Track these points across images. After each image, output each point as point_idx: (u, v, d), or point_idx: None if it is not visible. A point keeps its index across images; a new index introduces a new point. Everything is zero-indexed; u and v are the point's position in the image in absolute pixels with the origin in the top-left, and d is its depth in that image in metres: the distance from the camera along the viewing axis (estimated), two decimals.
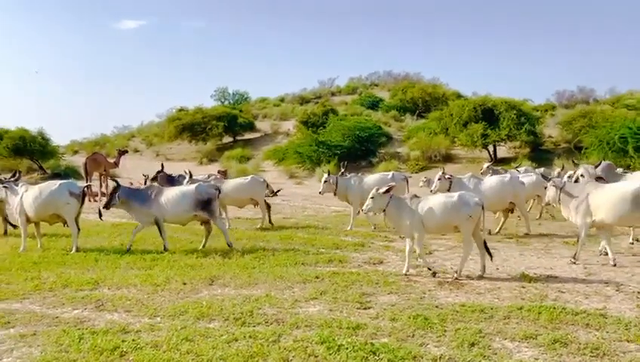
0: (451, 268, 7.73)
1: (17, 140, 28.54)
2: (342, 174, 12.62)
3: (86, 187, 10.39)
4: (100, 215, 10.08)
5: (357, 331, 5.05)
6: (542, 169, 14.33)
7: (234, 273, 7.50)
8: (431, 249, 9.37)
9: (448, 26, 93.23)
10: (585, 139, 23.89)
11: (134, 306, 5.98)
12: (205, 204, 9.31)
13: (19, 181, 10.19)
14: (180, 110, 39.39)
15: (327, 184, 12.20)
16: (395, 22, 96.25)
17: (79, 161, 27.09)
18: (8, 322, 5.48)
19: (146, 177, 13.13)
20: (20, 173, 10.97)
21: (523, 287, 6.72)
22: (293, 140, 32.14)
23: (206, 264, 8.16)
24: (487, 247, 7.42)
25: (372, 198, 7.38)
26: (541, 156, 25.62)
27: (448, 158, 27.69)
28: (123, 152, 23.51)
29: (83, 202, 9.61)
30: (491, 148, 27.21)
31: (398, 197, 7.61)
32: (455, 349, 4.61)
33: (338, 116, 33.67)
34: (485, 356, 4.47)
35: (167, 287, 6.77)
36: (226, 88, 51.01)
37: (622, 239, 9.96)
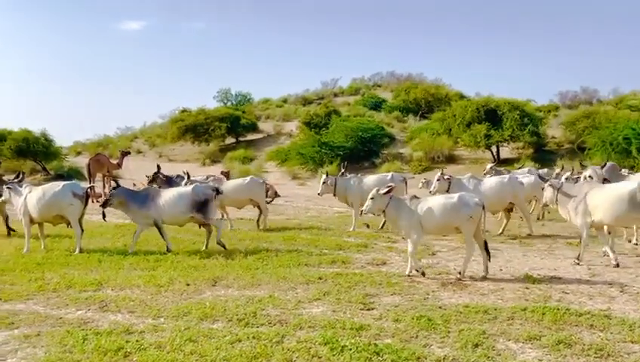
0: (454, 269, 7.73)
1: (21, 141, 28.62)
2: (342, 175, 12.63)
3: (89, 188, 10.42)
4: (104, 216, 10.11)
5: (360, 332, 5.05)
6: (545, 169, 14.31)
7: (237, 274, 7.50)
8: (434, 250, 9.37)
9: (451, 27, 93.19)
10: (588, 139, 23.88)
11: (138, 307, 5.99)
12: (202, 205, 9.29)
13: (22, 182, 10.22)
14: (183, 111, 39.40)
15: (325, 185, 12.20)
16: (398, 22, 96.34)
17: (82, 162, 27.12)
18: (12, 323, 5.49)
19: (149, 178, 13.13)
20: (24, 174, 11.01)
21: (527, 288, 6.71)
22: (295, 141, 32.16)
23: (209, 265, 8.17)
24: (487, 248, 7.43)
25: (372, 199, 7.38)
26: (544, 157, 25.61)
27: (451, 159, 27.67)
28: (126, 153, 23.56)
29: (86, 203, 9.65)
30: (494, 149, 27.20)
31: (398, 198, 7.62)
32: (459, 350, 4.60)
33: (341, 117, 33.66)
34: (489, 357, 4.46)
35: (170, 288, 6.78)
36: (229, 89, 51.10)
37: (625, 240, 9.94)
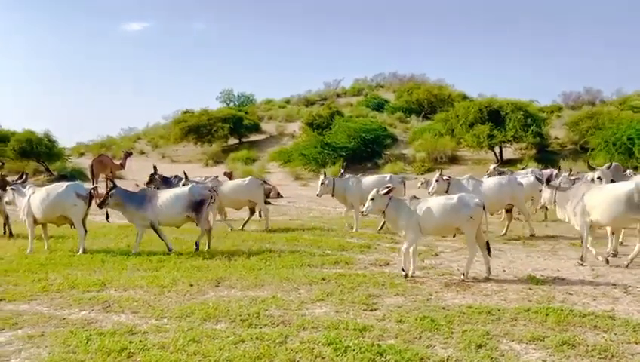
0: (458, 270, 7.72)
1: (24, 142, 28.67)
2: (341, 175, 12.65)
3: (93, 189, 10.44)
4: (107, 217, 10.14)
5: (364, 333, 5.04)
6: (549, 170, 14.26)
7: (240, 274, 7.51)
8: (437, 251, 9.36)
9: (454, 27, 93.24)
10: (591, 140, 23.83)
11: (141, 307, 6.00)
12: (198, 206, 9.31)
13: (26, 183, 10.25)
14: (186, 112, 39.45)
15: (323, 186, 12.21)
16: (401, 23, 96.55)
17: (85, 163, 27.10)
18: (16, 323, 5.50)
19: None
20: (27, 175, 11.03)
21: (530, 289, 6.70)
22: (298, 142, 32.15)
23: (212, 265, 8.18)
24: (489, 248, 7.43)
25: (372, 200, 7.38)
26: (547, 157, 25.55)
27: (454, 160, 27.64)
28: (128, 154, 23.59)
29: (90, 204, 9.67)
30: (497, 149, 27.16)
31: (398, 198, 7.63)
32: (462, 351, 4.60)
33: (343, 118, 33.65)
34: (492, 358, 4.46)
35: (173, 289, 6.79)
36: (232, 90, 51.22)
37: (629, 241, 9.89)
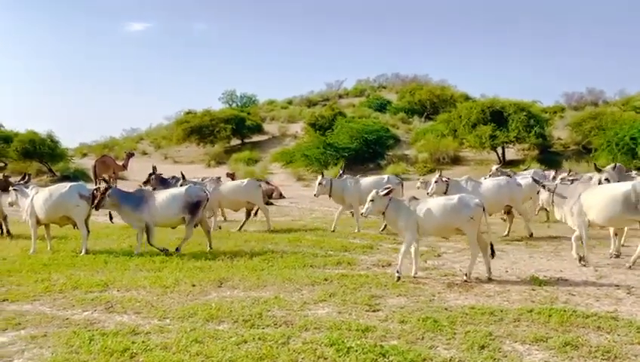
0: (460, 271, 7.71)
1: (27, 143, 28.72)
2: (340, 176, 12.68)
3: (95, 189, 10.43)
4: (111, 217, 10.15)
5: (366, 333, 5.04)
6: (554, 172, 14.21)
7: (243, 275, 7.51)
8: (440, 251, 9.36)
9: (456, 28, 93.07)
10: (594, 141, 23.78)
11: (144, 308, 6.01)
12: (194, 207, 9.30)
13: (29, 183, 10.28)
14: (188, 113, 39.40)
15: (321, 186, 12.21)
16: (403, 23, 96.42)
17: (88, 164, 27.25)
18: (19, 323, 5.51)
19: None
20: (30, 176, 11.07)
21: (533, 290, 6.69)
22: (300, 143, 32.13)
23: (215, 266, 8.18)
24: (492, 250, 7.43)
25: (372, 201, 7.35)
26: (550, 158, 25.51)
27: (456, 160, 27.60)
28: (131, 155, 23.67)
29: (92, 204, 9.66)
30: (500, 150, 27.12)
31: (397, 199, 7.63)
32: (465, 352, 4.59)
33: (346, 118, 33.63)
34: (495, 359, 4.45)
35: (176, 289, 6.79)
36: (234, 91, 51.18)
37: (632, 241, 9.87)
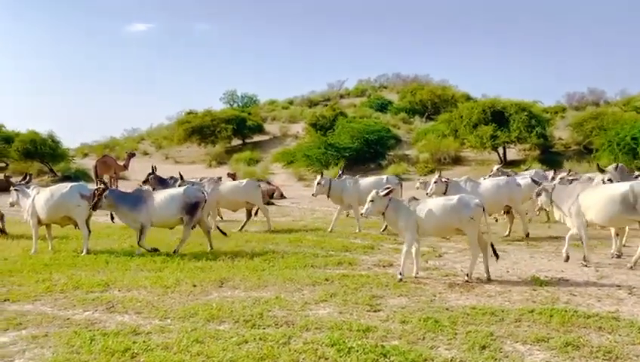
0: (461, 271, 7.71)
1: (28, 143, 28.76)
2: (339, 176, 12.69)
3: (96, 190, 10.44)
4: (112, 217, 10.15)
5: (367, 333, 5.04)
6: (553, 172, 14.18)
7: (244, 275, 7.51)
8: (441, 252, 9.35)
9: (457, 28, 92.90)
10: (596, 141, 23.75)
11: (145, 308, 6.01)
12: (192, 208, 9.27)
13: (30, 183, 10.29)
14: (189, 113, 39.39)
15: (320, 186, 12.22)
16: (404, 24, 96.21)
17: (89, 164, 27.27)
18: (20, 323, 5.51)
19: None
20: (31, 176, 11.08)
21: (534, 290, 6.68)
22: (301, 143, 32.12)
23: (216, 266, 8.18)
24: (494, 250, 7.42)
25: (372, 201, 7.34)
26: (551, 158, 25.46)
27: (458, 161, 27.57)
28: (132, 155, 23.70)
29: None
30: (501, 150, 27.09)
31: (397, 199, 7.62)
32: (466, 352, 4.59)
33: (347, 118, 33.61)
34: (496, 359, 4.44)
35: (177, 289, 6.79)
36: (235, 91, 51.18)
37: (633, 242, 9.86)
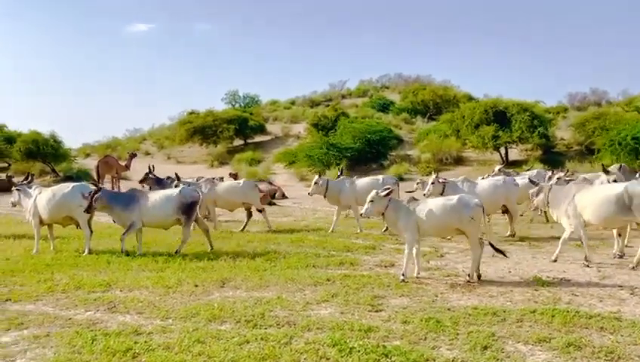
0: (463, 271, 7.70)
1: (30, 143, 28.76)
2: (338, 177, 12.71)
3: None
4: None
5: (369, 334, 5.04)
6: (550, 172, 14.16)
7: (245, 275, 7.51)
8: (442, 252, 9.34)
9: (459, 28, 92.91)
10: (598, 141, 23.71)
11: (146, 308, 6.01)
12: (188, 208, 9.26)
13: (32, 184, 10.30)
14: (191, 113, 39.43)
15: (316, 186, 12.23)
16: (406, 24, 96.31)
17: (91, 164, 27.30)
18: (22, 323, 5.53)
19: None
20: (33, 176, 11.09)
21: (536, 290, 6.67)
22: (303, 143, 32.08)
23: (217, 266, 8.19)
24: (496, 249, 7.43)
25: (372, 201, 7.33)
26: (553, 159, 25.43)
27: (459, 161, 27.54)
28: (133, 155, 23.74)
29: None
30: (503, 150, 27.05)
31: (397, 200, 7.61)
32: (467, 352, 4.58)
33: (349, 119, 33.59)
34: (498, 359, 4.44)
35: (178, 289, 6.80)
36: (237, 91, 51.18)
37: (635, 242, 9.84)
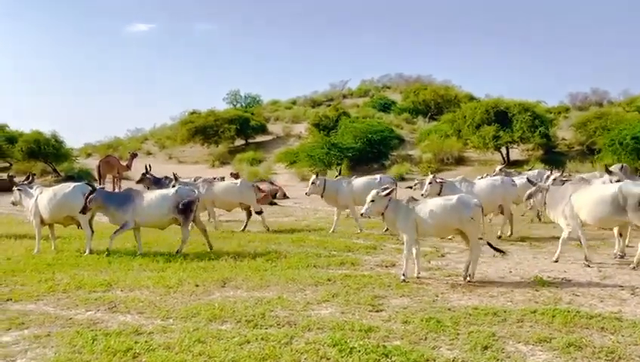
0: (463, 271, 7.68)
1: (32, 143, 28.82)
2: (336, 177, 12.72)
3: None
4: None
5: (369, 334, 5.03)
6: (548, 172, 14.11)
7: (246, 275, 7.51)
8: (443, 252, 9.34)
9: (460, 28, 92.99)
10: (599, 141, 23.69)
11: (147, 308, 6.01)
12: (185, 208, 9.24)
13: (33, 183, 10.31)
14: (193, 113, 39.45)
15: (314, 185, 12.21)
16: (406, 24, 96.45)
17: (93, 164, 27.29)
18: (23, 323, 5.53)
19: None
20: (34, 176, 11.11)
21: (536, 290, 6.67)
22: (304, 143, 32.08)
23: (218, 266, 8.19)
24: (495, 248, 7.43)
25: (372, 201, 7.31)
26: (554, 158, 25.40)
27: (461, 161, 27.54)
28: (134, 155, 23.73)
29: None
30: (504, 150, 27.04)
31: (397, 200, 7.61)
32: (468, 352, 4.58)
33: (350, 118, 33.58)
34: (498, 359, 4.44)
35: (179, 289, 6.80)
36: (238, 91, 51.28)
37: (636, 242, 9.82)
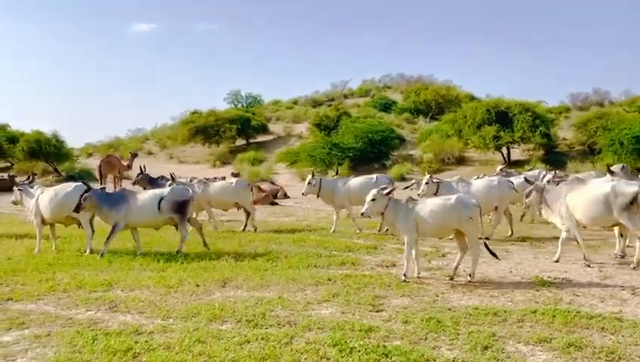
0: (464, 271, 7.67)
1: (33, 143, 28.88)
2: (333, 176, 12.73)
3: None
4: None
5: (369, 334, 5.03)
6: (545, 172, 14.11)
7: (246, 275, 7.52)
8: (444, 252, 9.33)
9: (461, 28, 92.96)
10: (600, 141, 23.68)
11: (147, 308, 6.02)
12: (180, 207, 9.22)
13: (34, 183, 10.32)
14: (194, 113, 39.47)
15: (310, 185, 12.20)
16: (408, 24, 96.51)
17: (94, 164, 27.33)
18: (23, 323, 5.53)
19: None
20: (35, 176, 11.13)
21: (537, 290, 6.67)
22: (305, 143, 32.08)
23: (219, 266, 8.19)
24: (490, 250, 7.42)
25: (373, 200, 7.31)
26: (555, 158, 25.39)
27: (461, 161, 27.53)
28: (135, 155, 23.76)
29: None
30: (505, 150, 27.02)
31: (396, 199, 7.60)
32: (468, 352, 4.58)
33: (351, 118, 33.58)
34: (499, 359, 4.43)
35: (180, 289, 6.80)
36: (239, 91, 51.35)
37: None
